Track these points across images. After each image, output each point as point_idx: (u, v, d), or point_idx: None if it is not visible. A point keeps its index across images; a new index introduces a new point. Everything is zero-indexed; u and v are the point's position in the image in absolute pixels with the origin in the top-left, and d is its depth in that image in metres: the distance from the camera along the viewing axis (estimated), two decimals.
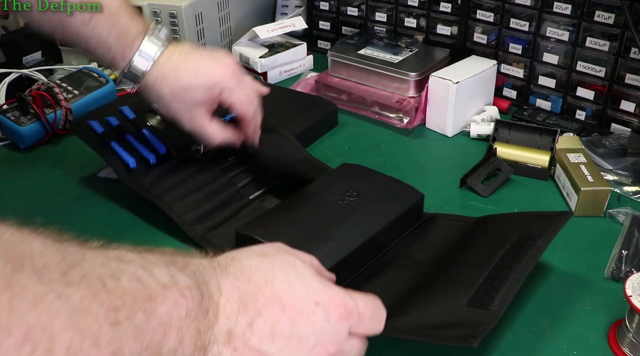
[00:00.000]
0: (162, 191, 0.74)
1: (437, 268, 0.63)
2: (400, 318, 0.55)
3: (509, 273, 0.56)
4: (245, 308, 0.43)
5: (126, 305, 0.35)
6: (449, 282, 0.58)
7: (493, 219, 0.68)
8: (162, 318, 0.37)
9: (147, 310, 0.36)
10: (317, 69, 1.13)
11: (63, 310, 0.32)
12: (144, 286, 0.37)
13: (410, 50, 1.03)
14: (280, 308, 0.44)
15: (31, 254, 0.33)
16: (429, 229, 0.70)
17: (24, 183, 0.83)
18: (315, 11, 1.21)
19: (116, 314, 0.35)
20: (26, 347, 0.30)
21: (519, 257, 0.58)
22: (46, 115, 0.89)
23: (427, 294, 0.57)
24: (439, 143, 0.92)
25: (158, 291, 0.38)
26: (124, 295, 0.36)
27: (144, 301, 0.37)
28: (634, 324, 0.55)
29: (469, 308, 0.54)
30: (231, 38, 1.17)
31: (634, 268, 0.65)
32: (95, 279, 0.35)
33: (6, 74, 1.00)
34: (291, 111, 0.93)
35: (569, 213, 0.64)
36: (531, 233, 0.61)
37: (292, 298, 0.44)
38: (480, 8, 0.99)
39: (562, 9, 0.90)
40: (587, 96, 0.92)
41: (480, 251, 0.62)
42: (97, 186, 0.81)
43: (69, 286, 0.33)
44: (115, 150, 0.77)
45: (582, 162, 0.77)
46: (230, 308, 0.43)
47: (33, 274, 0.32)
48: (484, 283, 0.56)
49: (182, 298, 0.39)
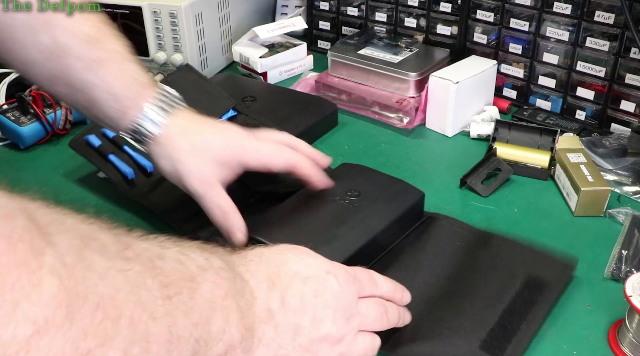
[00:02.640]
0: (161, 199, 0.74)
1: (444, 284, 0.63)
2: (414, 345, 0.56)
3: (520, 323, 0.58)
4: (274, 285, 0.48)
5: (173, 283, 0.39)
6: (460, 314, 0.59)
7: (498, 243, 0.68)
8: (206, 296, 0.41)
9: (191, 288, 0.40)
10: (317, 69, 1.13)
11: (124, 283, 0.35)
12: (186, 267, 0.41)
13: (410, 50, 1.03)
14: (301, 281, 0.49)
15: (92, 233, 0.37)
16: (431, 231, 0.70)
17: (24, 183, 0.83)
18: (315, 11, 1.21)
19: (167, 290, 0.38)
20: (99, 314, 0.33)
21: (529, 305, 0.60)
22: (46, 115, 0.89)
23: (439, 324, 0.58)
24: (439, 143, 0.92)
25: (198, 272, 0.42)
26: (171, 274, 0.39)
27: (187, 281, 0.40)
28: (634, 324, 0.55)
29: (481, 351, 0.55)
30: (231, 38, 1.17)
31: (634, 268, 0.65)
32: (145, 258, 0.39)
33: (6, 74, 1.00)
34: (291, 111, 0.93)
35: (576, 259, 0.65)
36: (540, 279, 0.63)
37: (307, 271, 0.50)
38: (480, 8, 0.99)
39: (562, 9, 0.90)
40: (587, 96, 0.92)
41: (488, 284, 0.63)
42: (97, 186, 0.81)
43: (127, 262, 0.37)
44: (113, 162, 0.77)
45: (582, 162, 0.77)
46: (261, 286, 0.47)
47: (98, 251, 0.35)
48: (495, 327, 0.58)
49: (219, 279, 0.43)
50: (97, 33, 0.60)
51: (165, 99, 0.62)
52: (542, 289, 0.61)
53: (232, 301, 0.43)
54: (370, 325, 0.51)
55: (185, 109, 0.63)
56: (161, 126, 0.60)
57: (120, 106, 0.60)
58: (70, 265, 0.33)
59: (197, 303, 0.40)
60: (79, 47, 0.58)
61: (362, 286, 0.52)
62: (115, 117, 0.61)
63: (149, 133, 0.60)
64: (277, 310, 0.47)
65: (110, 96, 0.59)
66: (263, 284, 0.47)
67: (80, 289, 0.32)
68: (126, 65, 0.61)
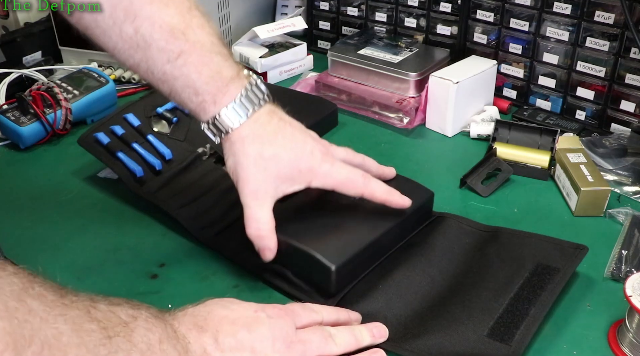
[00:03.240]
0: (170, 196, 0.74)
1: (452, 281, 0.63)
2: (420, 339, 0.56)
3: (529, 309, 0.58)
4: (203, 330, 0.48)
5: (110, 327, 0.40)
6: (467, 306, 0.59)
7: (505, 236, 0.68)
8: (142, 340, 0.42)
9: (126, 332, 0.41)
10: (317, 69, 1.13)
11: (65, 326, 0.37)
12: (117, 315, 0.42)
13: (410, 50, 1.03)
14: (230, 322, 0.49)
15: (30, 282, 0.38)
16: (440, 229, 0.70)
17: (24, 183, 0.83)
18: (315, 11, 1.21)
19: (106, 331, 0.39)
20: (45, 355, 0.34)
21: (538, 291, 0.59)
22: (46, 115, 0.89)
23: (446, 317, 0.58)
24: (439, 143, 0.92)
25: (129, 320, 0.42)
26: (105, 319, 0.41)
27: (122, 326, 0.41)
28: (634, 324, 0.55)
29: (489, 339, 0.55)
30: (231, 38, 1.17)
31: (634, 268, 0.65)
32: (81, 305, 0.40)
33: (6, 74, 1.00)
34: (291, 110, 0.93)
35: (586, 248, 0.65)
36: (548, 266, 0.62)
37: (234, 313, 0.50)
38: (480, 8, 0.99)
39: (562, 9, 0.90)
40: (587, 96, 0.92)
41: (496, 274, 0.63)
42: (97, 186, 0.81)
43: (65, 308, 0.38)
44: (122, 160, 0.77)
45: (582, 162, 0.77)
46: (191, 333, 0.47)
47: (37, 297, 0.37)
48: (503, 314, 0.58)
49: (151, 325, 0.43)
50: (181, 23, 0.57)
51: (248, 96, 0.59)
52: (552, 275, 0.61)
53: (168, 346, 0.44)
54: (315, 351, 0.50)
55: (268, 109, 0.61)
56: (237, 125, 0.59)
57: (200, 100, 0.59)
58: (13, 308, 0.33)
59: (136, 346, 0.41)
60: (161, 39, 0.56)
61: (296, 315, 0.52)
62: (195, 110, 0.60)
63: (224, 130, 0.59)
64: (213, 351, 0.47)
65: (191, 89, 0.58)
66: (192, 331, 0.47)
67: (25, 332, 0.33)
68: (209, 58, 0.58)
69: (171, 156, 0.79)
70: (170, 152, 0.79)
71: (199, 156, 0.80)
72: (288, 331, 0.50)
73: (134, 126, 0.82)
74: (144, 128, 0.82)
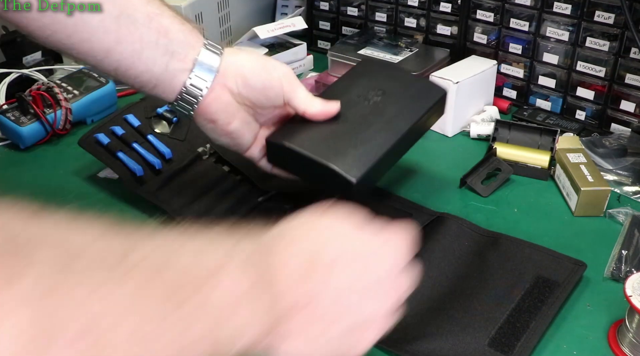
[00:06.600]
0: (170, 196, 0.74)
1: (453, 284, 0.63)
2: (421, 342, 0.56)
3: (529, 321, 0.58)
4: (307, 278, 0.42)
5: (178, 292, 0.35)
6: (468, 312, 0.59)
7: (505, 243, 0.68)
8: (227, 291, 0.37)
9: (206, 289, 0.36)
10: (317, 69, 1.13)
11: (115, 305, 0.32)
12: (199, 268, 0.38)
13: (410, 50, 1.03)
14: None
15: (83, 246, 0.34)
16: (440, 231, 0.70)
17: (24, 183, 0.83)
18: (315, 11, 1.21)
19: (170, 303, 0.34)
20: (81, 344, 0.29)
21: (538, 304, 0.60)
22: (46, 115, 0.89)
23: (447, 321, 0.58)
24: (439, 143, 0.92)
25: (214, 271, 0.38)
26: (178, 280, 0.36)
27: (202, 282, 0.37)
28: (634, 324, 0.55)
29: (490, 348, 0.55)
30: (231, 38, 1.17)
31: (634, 268, 0.65)
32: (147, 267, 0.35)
33: (6, 74, 1.00)
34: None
35: (585, 264, 0.65)
36: (548, 279, 0.63)
37: None
38: (480, 8, 0.99)
39: (562, 9, 0.90)
40: (587, 96, 0.92)
41: (497, 283, 0.63)
42: (97, 186, 0.81)
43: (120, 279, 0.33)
44: (122, 160, 0.77)
45: (582, 162, 0.77)
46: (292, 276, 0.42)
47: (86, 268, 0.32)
48: (504, 324, 0.58)
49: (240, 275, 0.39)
50: None
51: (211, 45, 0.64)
52: (552, 289, 0.61)
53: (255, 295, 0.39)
54: None
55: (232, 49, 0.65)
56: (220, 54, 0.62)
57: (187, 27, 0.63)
58: (48, 292, 0.29)
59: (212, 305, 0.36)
60: None
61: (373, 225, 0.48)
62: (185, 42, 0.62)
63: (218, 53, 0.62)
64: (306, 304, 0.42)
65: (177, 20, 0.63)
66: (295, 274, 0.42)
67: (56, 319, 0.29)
68: None
69: (171, 155, 0.79)
70: (170, 151, 0.79)
71: (199, 155, 0.80)
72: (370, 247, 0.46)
73: (134, 127, 0.82)
74: (144, 128, 0.82)
